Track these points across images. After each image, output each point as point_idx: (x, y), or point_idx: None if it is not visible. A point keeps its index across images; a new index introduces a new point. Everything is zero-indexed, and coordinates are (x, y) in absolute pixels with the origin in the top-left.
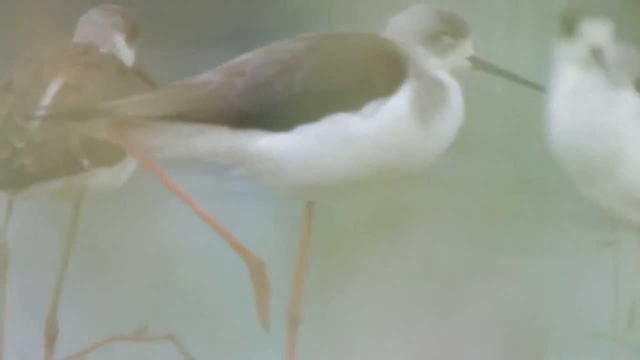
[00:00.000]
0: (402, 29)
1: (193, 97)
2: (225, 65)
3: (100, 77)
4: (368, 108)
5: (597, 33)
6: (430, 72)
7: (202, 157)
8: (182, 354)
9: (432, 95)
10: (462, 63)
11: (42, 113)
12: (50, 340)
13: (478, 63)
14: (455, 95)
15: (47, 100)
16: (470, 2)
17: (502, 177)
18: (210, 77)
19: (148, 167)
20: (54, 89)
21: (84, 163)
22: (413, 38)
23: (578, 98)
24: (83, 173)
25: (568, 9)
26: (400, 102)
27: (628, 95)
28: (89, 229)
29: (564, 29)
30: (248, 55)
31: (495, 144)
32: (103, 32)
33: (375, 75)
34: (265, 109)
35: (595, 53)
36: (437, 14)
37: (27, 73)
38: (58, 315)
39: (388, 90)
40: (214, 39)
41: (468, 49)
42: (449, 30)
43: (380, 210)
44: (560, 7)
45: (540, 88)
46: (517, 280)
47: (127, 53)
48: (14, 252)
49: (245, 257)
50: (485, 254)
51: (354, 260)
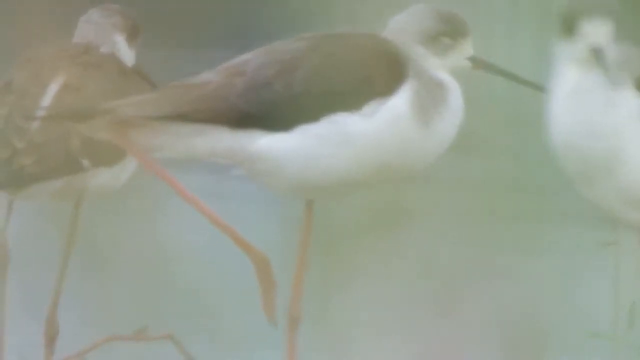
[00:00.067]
0: (402, 29)
1: (193, 97)
2: (225, 65)
3: (101, 77)
4: (368, 108)
5: (597, 33)
6: (430, 72)
7: (202, 157)
8: (182, 354)
9: (432, 95)
10: (462, 63)
11: (42, 113)
12: (50, 340)
13: (478, 63)
14: (455, 95)
15: (47, 100)
16: (470, 2)
17: (502, 177)
18: (210, 77)
19: (148, 167)
20: (54, 89)
21: (84, 163)
22: (413, 38)
23: (578, 98)
24: (83, 173)
25: (568, 9)
26: (400, 102)
27: (628, 95)
28: (89, 229)
29: (564, 29)
30: (248, 55)
31: (495, 144)
32: (103, 32)
33: (375, 75)
34: (265, 109)
35: (595, 53)
36: (437, 14)
37: (27, 73)
38: (58, 315)
39: (388, 90)
40: (214, 39)
41: (468, 49)
42: (449, 30)
43: (380, 210)
44: (560, 7)
45: (540, 88)
46: (517, 280)
47: (127, 53)
48: (14, 252)
49: (250, 254)
50: (485, 254)
51: (354, 260)
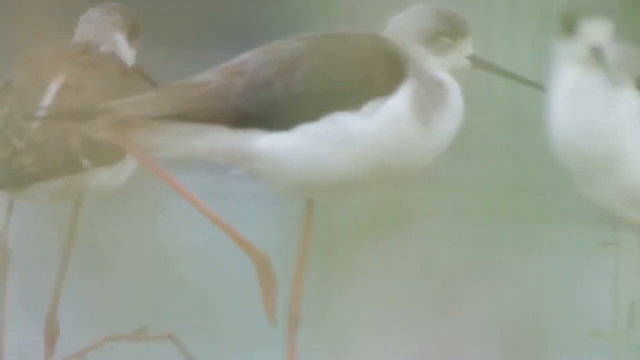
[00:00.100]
0: (402, 29)
1: (193, 97)
2: (225, 65)
3: (101, 77)
4: (368, 108)
5: (597, 33)
6: (430, 72)
7: (202, 157)
8: (182, 354)
9: (432, 95)
10: (462, 63)
11: (42, 113)
12: (51, 340)
13: (478, 62)
14: (455, 95)
15: (47, 100)
16: (470, 2)
17: (502, 177)
18: (210, 77)
19: (148, 167)
20: (54, 89)
21: (84, 163)
22: (413, 38)
23: (578, 98)
24: (83, 173)
25: (568, 9)
26: (400, 101)
27: (628, 95)
28: (89, 229)
29: (564, 29)
30: (248, 55)
31: (495, 144)
32: (103, 31)
33: (375, 75)
34: (265, 109)
35: (596, 53)
36: (437, 14)
37: (27, 73)
38: (58, 315)
39: (388, 90)
40: (214, 39)
41: (468, 49)
42: (449, 30)
43: (380, 210)
44: (560, 7)
45: (540, 87)
46: (517, 280)
47: (128, 52)
48: (14, 252)
49: (251, 253)
50: (485, 254)
51: (354, 260)
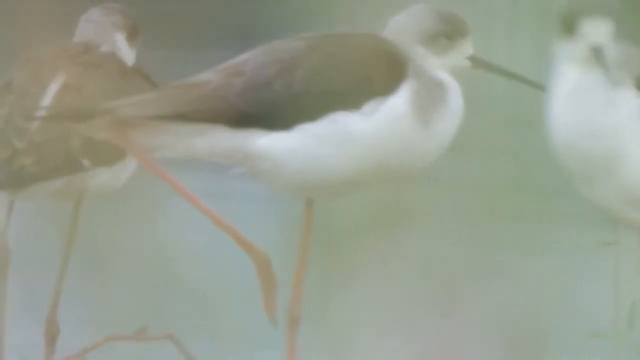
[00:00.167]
0: (402, 29)
1: (193, 97)
2: (225, 65)
3: (101, 77)
4: (367, 107)
5: (597, 32)
6: (430, 72)
7: (202, 157)
8: (182, 354)
9: (431, 95)
10: (462, 62)
11: (42, 113)
12: (51, 340)
13: (478, 62)
14: (455, 95)
15: (47, 100)
16: (470, 2)
17: (502, 177)
18: (210, 76)
19: (148, 167)
20: (54, 89)
21: (84, 163)
22: (413, 38)
23: (578, 98)
24: (83, 173)
25: (568, 9)
26: (400, 101)
27: (628, 95)
28: (89, 229)
29: (564, 29)
30: (247, 55)
31: (495, 144)
32: (103, 30)
33: (375, 75)
34: (265, 109)
35: (596, 52)
36: (437, 14)
37: (27, 73)
38: (58, 315)
39: (387, 90)
40: (214, 39)
41: (468, 49)
42: (449, 30)
43: (380, 210)
44: (561, 6)
45: (540, 86)
46: (517, 280)
47: (127, 52)
48: (14, 252)
49: (251, 253)
50: (485, 254)
51: (354, 260)
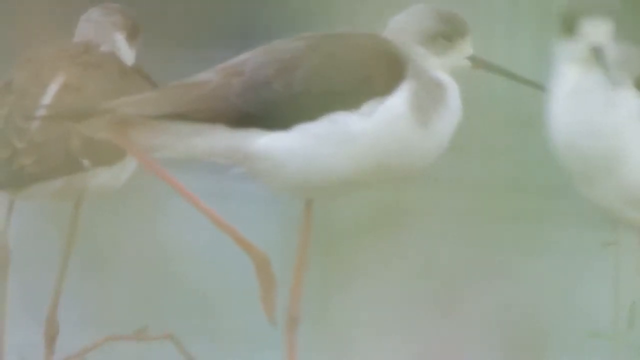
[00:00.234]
0: (402, 29)
1: (193, 96)
2: (224, 65)
3: (101, 76)
4: (367, 107)
5: (597, 32)
6: (430, 72)
7: (202, 157)
8: (182, 354)
9: (430, 96)
10: (462, 62)
11: (42, 113)
12: (51, 340)
13: (478, 62)
14: (454, 96)
15: (47, 100)
16: (470, 2)
17: (502, 177)
18: (210, 76)
19: (148, 167)
20: (54, 89)
21: (84, 163)
22: (413, 38)
23: (578, 98)
24: (83, 173)
25: (568, 9)
26: (399, 101)
27: (628, 95)
28: (89, 229)
29: (564, 29)
30: (247, 55)
31: (495, 144)
32: (103, 30)
33: (375, 75)
34: (265, 109)
35: (596, 52)
36: (436, 14)
37: (27, 73)
38: (58, 315)
39: (387, 90)
40: (214, 39)
41: (468, 49)
42: (449, 30)
43: (380, 210)
44: (561, 6)
45: (540, 86)
46: (517, 280)
47: (127, 52)
48: (14, 252)
49: (251, 252)
50: (485, 254)
51: (354, 260)
